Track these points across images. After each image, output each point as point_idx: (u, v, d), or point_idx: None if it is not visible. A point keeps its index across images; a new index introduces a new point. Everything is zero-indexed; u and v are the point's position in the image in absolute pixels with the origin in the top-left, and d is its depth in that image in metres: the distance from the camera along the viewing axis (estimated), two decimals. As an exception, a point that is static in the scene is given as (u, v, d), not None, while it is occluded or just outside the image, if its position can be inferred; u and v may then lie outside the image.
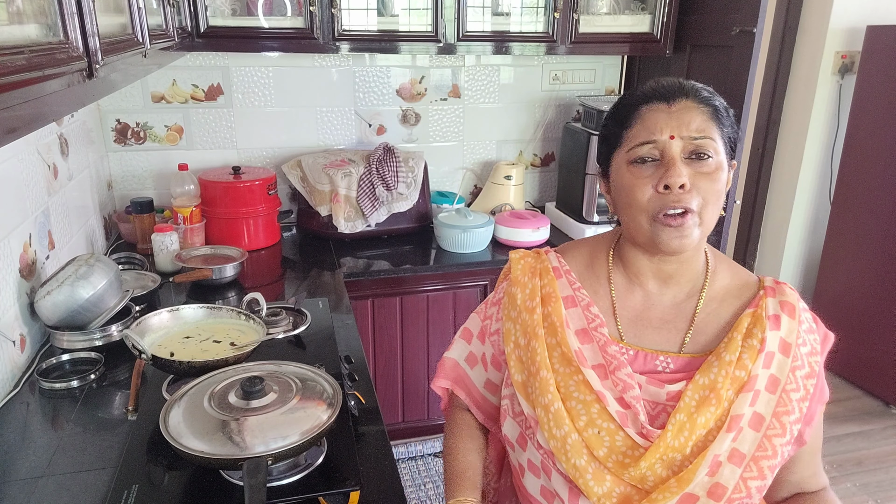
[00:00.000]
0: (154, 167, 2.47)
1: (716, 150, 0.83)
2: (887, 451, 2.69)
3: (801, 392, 0.85)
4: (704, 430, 0.82)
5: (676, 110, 0.83)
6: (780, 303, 0.87)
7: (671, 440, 0.82)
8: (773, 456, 0.83)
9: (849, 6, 2.98)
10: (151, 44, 1.31)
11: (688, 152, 0.82)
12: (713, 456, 0.81)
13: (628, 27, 2.50)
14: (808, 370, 0.87)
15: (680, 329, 0.89)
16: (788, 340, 0.86)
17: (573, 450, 0.84)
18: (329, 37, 2.20)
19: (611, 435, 0.84)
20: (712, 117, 0.84)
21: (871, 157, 2.93)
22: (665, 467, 0.82)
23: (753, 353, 0.84)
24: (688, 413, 0.82)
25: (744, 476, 0.82)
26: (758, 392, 0.84)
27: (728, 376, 0.83)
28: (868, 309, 3.01)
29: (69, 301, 1.46)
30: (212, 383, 1.14)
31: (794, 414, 0.85)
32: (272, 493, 1.00)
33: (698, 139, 0.82)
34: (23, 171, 1.51)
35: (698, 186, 0.82)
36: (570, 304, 0.91)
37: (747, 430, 0.83)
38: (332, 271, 2.15)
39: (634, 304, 0.92)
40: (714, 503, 0.81)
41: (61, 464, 1.13)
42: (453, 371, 1.05)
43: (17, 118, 0.64)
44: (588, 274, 0.95)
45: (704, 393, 0.83)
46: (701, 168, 0.82)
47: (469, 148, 2.80)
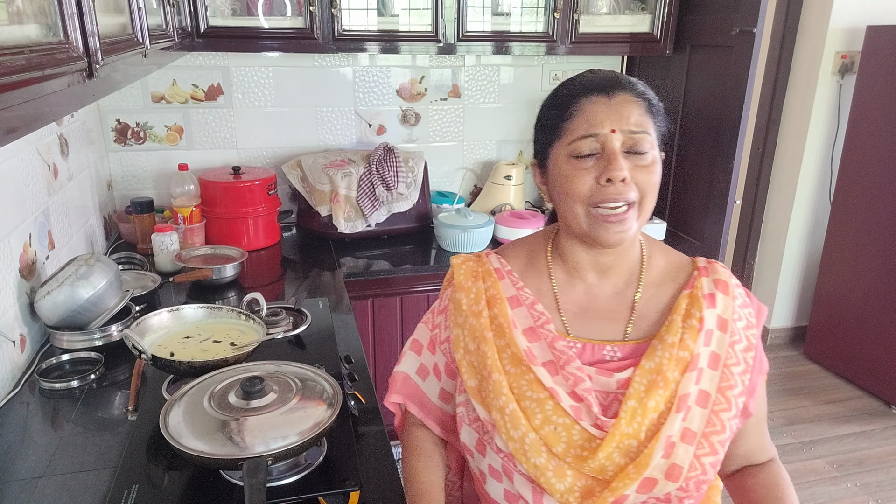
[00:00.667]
0: (154, 167, 2.47)
1: (652, 144, 0.85)
2: (888, 451, 2.69)
3: (742, 366, 0.87)
4: (656, 413, 0.84)
5: (616, 103, 0.85)
6: (713, 281, 0.89)
7: (625, 427, 0.83)
8: (721, 431, 0.85)
9: (849, 6, 2.98)
10: (151, 44, 1.31)
11: (627, 146, 0.84)
12: (666, 437, 0.82)
13: (628, 27, 2.50)
14: (746, 343, 0.88)
15: (622, 317, 0.91)
16: (725, 317, 0.88)
17: (532, 449, 0.85)
18: (329, 37, 2.20)
19: (567, 430, 0.85)
20: (648, 111, 0.86)
21: (871, 157, 2.93)
22: (622, 455, 0.83)
23: (694, 332, 0.86)
24: (638, 398, 0.84)
25: (697, 453, 0.83)
26: (701, 370, 0.85)
27: (672, 358, 0.85)
28: (868, 309, 3.01)
29: (69, 301, 1.46)
30: (212, 383, 1.14)
31: (738, 387, 0.86)
32: (272, 493, 1.00)
33: (637, 133, 0.84)
34: (23, 171, 1.51)
35: (637, 179, 0.84)
36: (515, 303, 0.92)
37: (695, 408, 0.84)
38: (332, 271, 2.15)
39: (577, 297, 0.93)
40: (672, 483, 0.82)
41: (61, 464, 1.13)
42: (405, 386, 1.03)
43: (17, 118, 0.64)
44: (530, 272, 0.96)
45: (652, 377, 0.85)
46: (639, 161, 0.84)
47: (469, 148, 2.80)
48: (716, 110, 2.39)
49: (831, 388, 3.15)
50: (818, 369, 3.32)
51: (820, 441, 2.75)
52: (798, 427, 2.84)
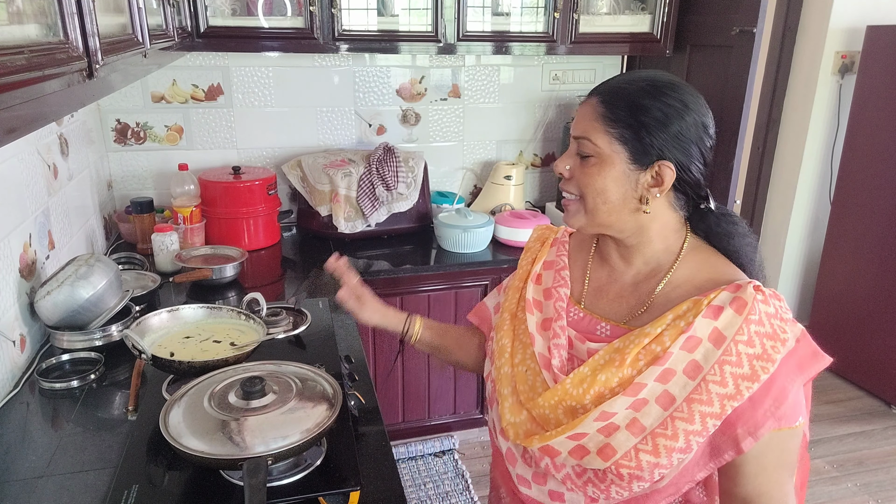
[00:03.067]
0: (154, 167, 2.47)
1: (595, 150, 0.90)
2: (888, 451, 2.69)
3: (729, 389, 0.82)
4: (605, 387, 0.88)
5: (581, 108, 0.94)
6: (733, 297, 0.86)
7: (570, 388, 0.90)
8: (672, 438, 0.83)
9: (849, 6, 2.98)
10: (151, 44, 1.31)
11: (577, 149, 0.93)
12: (603, 412, 0.86)
13: (628, 27, 2.50)
14: (748, 372, 0.82)
15: (631, 305, 0.96)
16: (724, 333, 0.84)
17: (503, 380, 1.00)
18: (329, 37, 2.20)
19: (533, 375, 0.97)
20: (603, 117, 0.89)
21: (871, 157, 2.93)
22: (565, 413, 0.91)
23: (676, 332, 0.86)
24: (592, 367, 0.90)
25: (637, 447, 0.85)
26: (672, 371, 0.85)
27: (640, 345, 0.87)
28: (868, 309, 3.01)
29: (69, 301, 1.46)
30: (212, 383, 1.13)
31: (711, 407, 0.83)
32: (272, 493, 1.00)
33: (578, 138, 0.92)
34: (23, 171, 1.51)
35: (577, 178, 0.92)
36: (548, 266, 1.07)
37: (653, 405, 0.85)
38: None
39: (602, 276, 1.02)
40: (602, 462, 0.86)
41: (61, 464, 1.13)
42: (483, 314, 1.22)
43: (17, 118, 0.64)
44: (580, 248, 1.07)
45: (612, 355, 0.89)
46: (583, 163, 0.92)
47: (469, 148, 2.80)
48: (716, 110, 2.36)
49: (831, 388, 3.15)
50: (818, 369, 3.31)
51: (820, 441, 2.75)
52: (798, 427, 2.84)
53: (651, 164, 0.88)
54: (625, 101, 0.88)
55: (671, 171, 0.88)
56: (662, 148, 0.87)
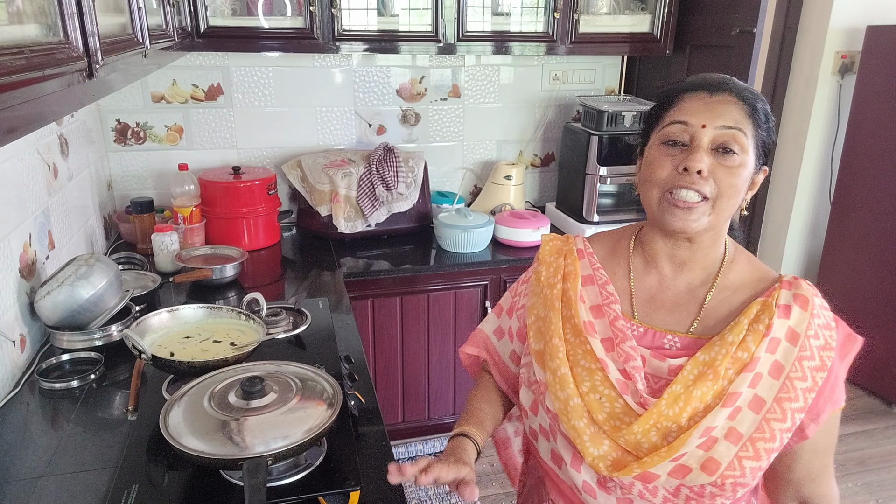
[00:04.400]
0: (154, 167, 2.47)
1: (743, 147, 0.86)
2: (889, 450, 2.69)
3: (808, 383, 0.86)
4: (701, 403, 0.85)
5: (715, 101, 0.87)
6: (793, 295, 0.90)
7: (665, 409, 0.85)
8: (770, 439, 0.85)
9: (849, 6, 2.98)
10: (151, 44, 1.31)
11: (716, 144, 0.86)
12: (706, 428, 0.84)
13: (628, 27, 2.50)
14: (819, 363, 0.87)
15: (690, 312, 0.93)
16: (797, 330, 0.87)
17: (574, 412, 0.90)
18: (329, 37, 2.20)
19: (611, 401, 0.89)
20: (749, 115, 0.87)
21: (871, 157, 2.93)
22: (660, 436, 0.86)
23: (758, 336, 0.86)
24: (684, 385, 0.86)
25: (739, 455, 0.84)
26: (759, 375, 0.86)
27: (728, 355, 0.86)
28: (868, 309, 3.01)
29: (69, 301, 1.46)
30: (212, 383, 1.14)
31: (798, 402, 0.86)
32: (272, 493, 1.00)
33: (730, 128, 0.85)
34: (23, 171, 1.51)
35: (716, 176, 0.85)
36: (588, 282, 0.98)
37: (746, 411, 0.85)
38: (332, 271, 2.15)
39: (650, 286, 0.96)
40: (707, 476, 0.84)
41: (61, 464, 1.13)
42: (483, 342, 1.14)
43: (17, 118, 0.64)
44: (611, 258, 1.01)
45: (703, 368, 0.86)
46: (724, 161, 0.86)
47: (469, 148, 2.80)
48: (716, 110, 2.38)
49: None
50: (818, 369, 3.31)
51: (820, 441, 2.75)
52: (798, 427, 2.84)
53: (760, 169, 0.91)
54: (762, 105, 0.89)
55: (764, 174, 0.92)
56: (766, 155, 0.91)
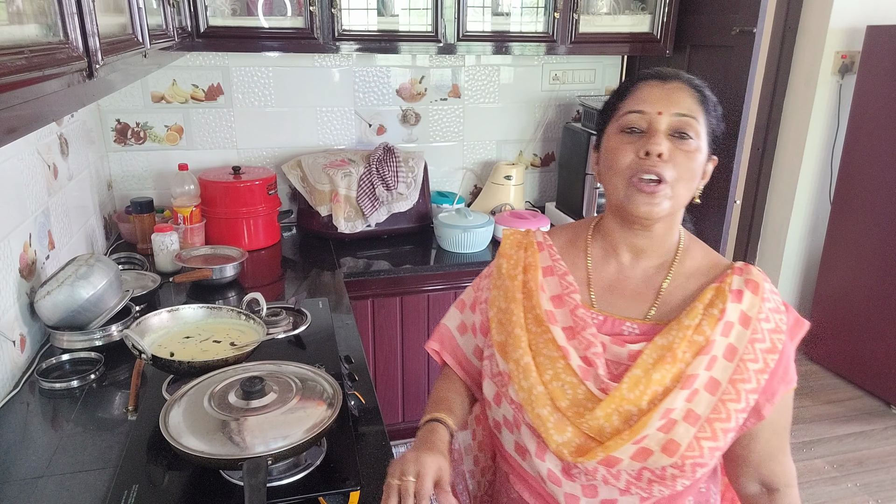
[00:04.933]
0: (154, 167, 2.47)
1: (697, 133, 0.90)
2: (888, 451, 2.69)
3: (760, 364, 0.89)
4: (660, 386, 0.88)
5: (668, 89, 0.92)
6: (745, 280, 0.93)
7: (626, 393, 0.88)
8: (726, 419, 0.88)
9: (849, 6, 2.98)
10: (151, 44, 1.31)
11: (672, 129, 0.90)
12: (665, 409, 0.86)
13: (628, 27, 2.50)
14: (770, 346, 0.90)
15: (648, 299, 0.96)
16: (749, 314, 0.91)
17: (537, 400, 0.92)
18: (329, 37, 2.20)
19: (573, 388, 0.91)
20: (700, 102, 0.92)
21: (871, 157, 2.93)
22: (621, 419, 0.88)
23: (713, 320, 0.90)
24: (644, 369, 0.89)
25: (697, 436, 0.87)
26: (715, 357, 0.89)
27: (685, 339, 0.89)
28: (868, 309, 3.01)
29: (69, 301, 1.46)
30: (212, 383, 1.14)
31: (751, 383, 0.89)
32: (272, 493, 1.00)
33: (684, 116, 0.89)
34: (23, 171, 1.51)
35: (675, 160, 0.89)
36: (548, 273, 1.00)
37: (703, 393, 0.88)
38: (332, 271, 2.15)
39: (608, 275, 0.99)
40: (668, 458, 0.86)
41: (61, 464, 1.13)
42: (445, 337, 1.13)
43: (17, 118, 0.64)
44: (569, 249, 1.04)
45: (662, 352, 0.89)
46: (681, 145, 0.90)
47: (469, 148, 2.80)
48: (716, 110, 2.39)
49: (831, 388, 3.15)
50: (818, 369, 3.32)
51: (820, 441, 2.75)
52: (798, 427, 2.84)
53: (709, 157, 0.95)
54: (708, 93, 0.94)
55: (714, 164, 0.96)
56: (716, 145, 0.95)
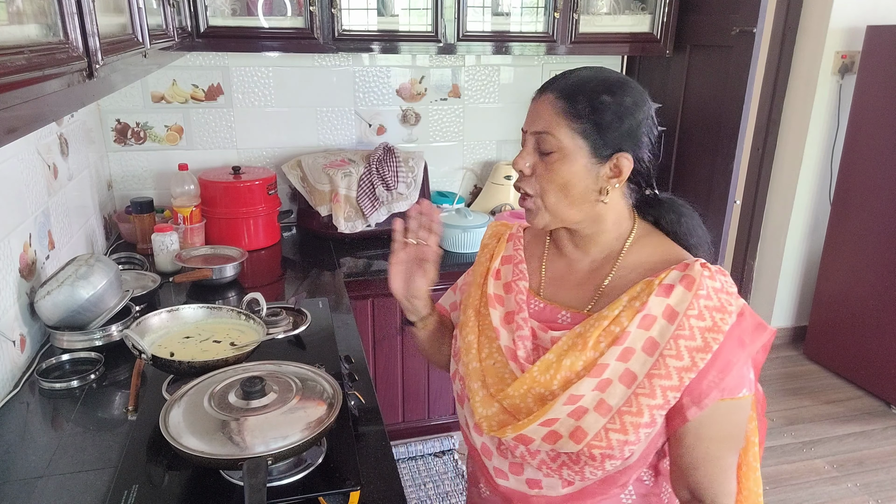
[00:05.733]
0: (154, 167, 2.47)
1: (558, 145, 0.91)
2: (888, 451, 2.69)
3: (685, 362, 0.87)
4: (571, 372, 0.91)
5: (536, 105, 0.94)
6: (682, 276, 0.91)
7: (538, 375, 0.92)
8: (638, 414, 0.87)
9: (849, 6, 2.98)
10: (151, 44, 1.31)
11: (537, 146, 0.94)
12: (571, 395, 0.89)
13: (628, 27, 2.50)
14: (701, 344, 0.87)
15: (589, 292, 0.99)
16: (677, 309, 0.89)
17: (472, 374, 1.00)
18: (329, 37, 2.20)
19: (502, 367, 0.98)
20: (564, 111, 0.90)
21: (871, 157, 2.93)
22: (535, 401, 0.93)
23: (632, 312, 0.90)
24: (557, 354, 0.92)
25: (607, 427, 0.88)
26: (632, 350, 0.89)
27: (601, 328, 0.91)
28: (868, 309, 3.01)
29: (69, 301, 1.46)
30: (212, 383, 1.14)
31: (671, 380, 0.87)
32: (272, 493, 1.00)
33: (540, 133, 0.92)
34: (23, 171, 1.51)
35: (538, 173, 0.94)
36: (506, 261, 1.07)
37: (617, 384, 0.89)
38: (332, 271, 2.15)
39: (559, 267, 1.04)
40: (575, 445, 0.89)
41: (61, 464, 1.13)
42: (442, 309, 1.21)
43: (17, 118, 0.64)
44: (534, 241, 1.09)
45: (575, 340, 0.92)
46: (545, 159, 0.93)
47: (469, 148, 2.80)
48: (716, 110, 2.39)
49: (831, 388, 3.15)
50: (818, 369, 3.32)
51: (820, 441, 2.75)
52: (798, 427, 2.84)
53: (610, 156, 0.92)
54: (585, 96, 0.91)
55: (629, 162, 0.93)
56: (621, 141, 0.92)
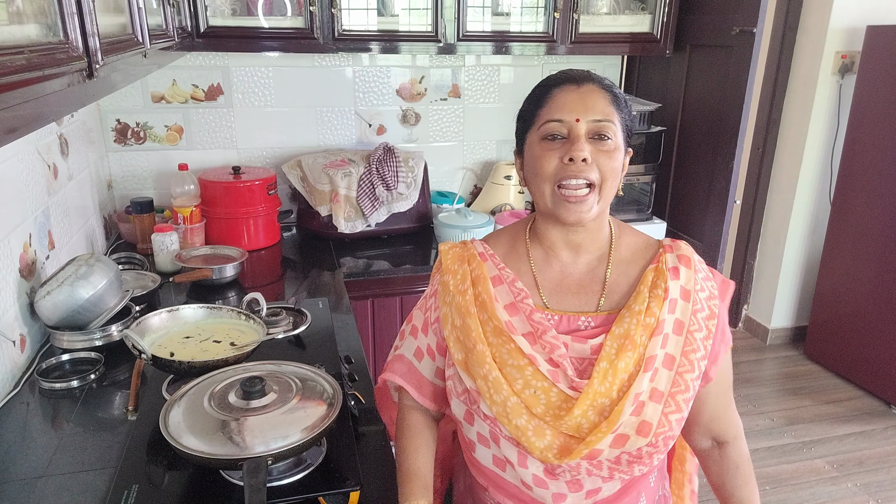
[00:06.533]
0: (154, 167, 2.47)
1: (615, 133, 0.94)
2: (888, 451, 2.69)
3: (704, 332, 0.95)
4: (626, 373, 0.91)
5: (584, 92, 0.94)
6: (677, 256, 0.98)
7: (598, 386, 0.91)
8: (685, 390, 0.93)
9: (849, 6, 2.98)
10: (151, 44, 1.31)
11: (591, 133, 0.93)
12: (635, 395, 0.90)
13: (628, 27, 2.50)
14: (709, 312, 0.96)
15: (595, 291, 0.99)
16: (687, 287, 0.96)
17: (513, 411, 0.93)
18: (329, 37, 2.20)
19: (545, 392, 0.93)
20: (613, 103, 0.95)
21: (871, 157, 2.93)
22: (596, 413, 0.91)
23: (659, 301, 0.94)
24: (609, 360, 0.92)
25: (665, 411, 0.92)
26: (667, 335, 0.94)
27: (640, 324, 0.93)
28: (868, 309, 3.01)
29: (69, 301, 1.46)
30: (212, 383, 1.14)
31: (700, 351, 0.95)
32: (272, 493, 1.00)
33: (601, 121, 0.93)
34: (23, 171, 1.51)
35: (599, 162, 0.92)
36: (497, 282, 1.01)
37: (662, 369, 0.93)
38: (332, 271, 2.15)
39: (553, 275, 1.01)
40: (643, 439, 0.90)
41: (61, 464, 1.13)
42: (402, 367, 1.09)
43: (17, 118, 0.64)
44: (511, 255, 1.04)
45: (621, 341, 0.93)
46: (602, 147, 0.93)
47: (469, 148, 2.80)
48: (716, 110, 2.39)
49: (831, 388, 3.15)
50: (818, 369, 3.32)
51: (820, 441, 2.75)
52: (798, 427, 2.84)
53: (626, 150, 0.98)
54: (618, 91, 0.98)
55: (629, 156, 1.00)
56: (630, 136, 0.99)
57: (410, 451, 1.06)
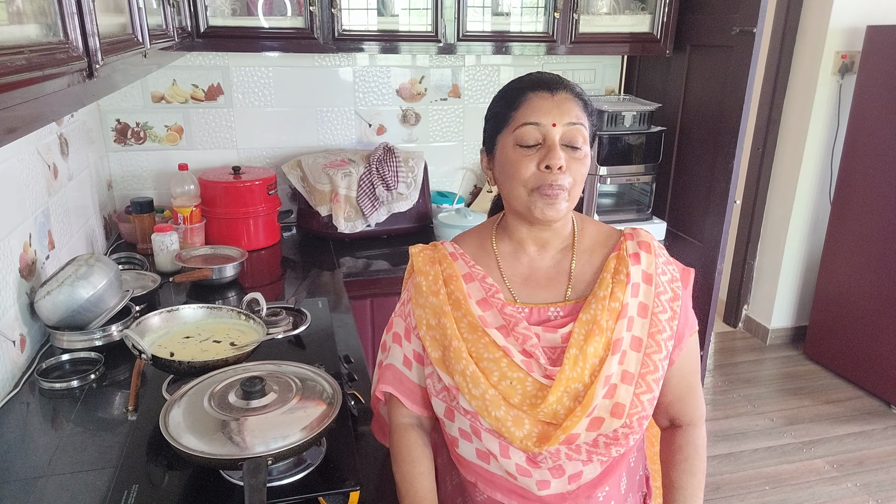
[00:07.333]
0: (154, 167, 2.47)
1: (585, 139, 0.98)
2: (888, 451, 2.69)
3: (669, 313, 1.00)
4: (596, 358, 0.95)
5: (558, 100, 0.97)
6: (637, 243, 1.03)
7: (569, 372, 0.94)
8: (655, 370, 0.98)
9: (849, 6, 2.98)
10: (151, 44, 1.31)
11: (565, 140, 0.96)
12: (605, 377, 0.94)
13: (628, 27, 2.50)
14: (672, 294, 1.01)
15: (562, 282, 1.03)
16: (649, 271, 1.01)
17: (492, 403, 0.96)
18: (329, 37, 2.20)
19: (521, 383, 0.96)
20: (583, 109, 0.99)
21: (871, 157, 2.93)
22: (571, 398, 0.94)
23: (622, 285, 0.99)
24: (578, 346, 0.95)
25: (636, 392, 0.96)
26: (632, 318, 0.98)
27: (605, 309, 0.97)
28: (868, 309, 3.01)
29: (69, 301, 1.46)
30: (212, 383, 1.14)
31: (666, 332, 0.99)
32: (272, 493, 1.00)
33: (575, 124, 0.96)
34: (23, 171, 1.51)
35: (571, 169, 0.96)
36: (469, 279, 1.04)
37: (630, 352, 0.97)
38: (331, 271, 2.15)
39: (521, 269, 1.05)
40: (617, 420, 0.94)
41: (61, 464, 1.13)
42: (395, 377, 1.07)
43: (17, 118, 0.64)
44: (480, 253, 1.07)
45: (588, 327, 0.97)
46: (574, 154, 0.97)
47: (469, 148, 2.80)
48: (716, 110, 2.39)
49: (831, 388, 3.15)
50: (818, 369, 3.32)
51: (820, 441, 2.75)
52: (798, 427, 2.84)
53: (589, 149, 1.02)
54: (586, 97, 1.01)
55: None
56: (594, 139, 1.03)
57: (414, 476, 1.04)
